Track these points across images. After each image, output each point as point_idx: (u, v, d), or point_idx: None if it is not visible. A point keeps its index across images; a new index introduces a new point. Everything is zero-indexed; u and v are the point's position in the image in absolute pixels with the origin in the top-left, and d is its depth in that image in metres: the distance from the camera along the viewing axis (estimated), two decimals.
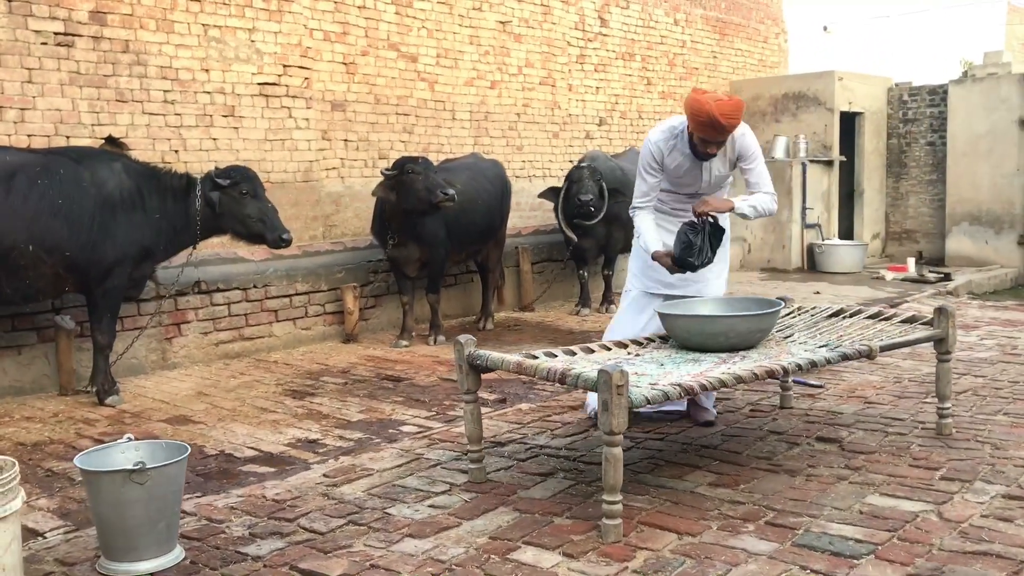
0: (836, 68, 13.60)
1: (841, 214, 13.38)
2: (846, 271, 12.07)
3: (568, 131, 11.06)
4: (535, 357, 3.90)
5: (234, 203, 5.75)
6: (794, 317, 4.75)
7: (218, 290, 6.92)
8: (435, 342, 7.35)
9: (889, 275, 11.53)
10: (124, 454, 3.19)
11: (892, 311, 4.69)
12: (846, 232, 13.50)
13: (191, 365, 6.70)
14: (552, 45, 10.73)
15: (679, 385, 3.29)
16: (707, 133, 4.20)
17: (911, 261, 12.27)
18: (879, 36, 21.97)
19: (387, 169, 7.06)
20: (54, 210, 5.15)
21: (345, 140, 8.61)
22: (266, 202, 5.86)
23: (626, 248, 9.82)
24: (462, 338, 3.82)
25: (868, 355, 3.93)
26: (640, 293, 4.70)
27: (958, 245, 12.93)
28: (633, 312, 4.66)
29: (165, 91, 7.14)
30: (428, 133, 9.36)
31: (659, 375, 3.54)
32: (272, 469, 4.25)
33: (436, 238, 7.23)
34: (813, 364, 3.74)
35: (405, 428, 4.92)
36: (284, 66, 7.97)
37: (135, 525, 2.95)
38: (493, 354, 3.70)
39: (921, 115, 13.61)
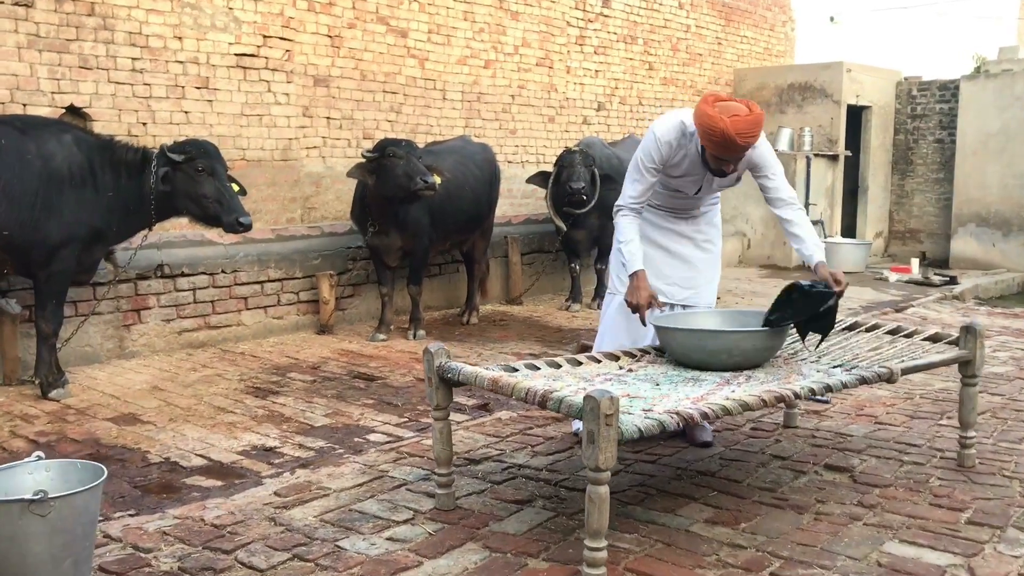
0: (844, 59, 13.12)
1: (844, 211, 12.94)
2: (848, 270, 11.61)
3: (564, 115, 10.58)
4: (514, 370, 3.47)
5: (189, 181, 5.26)
6: None
7: (183, 274, 6.45)
8: (415, 336, 6.91)
9: (893, 276, 11.11)
10: (31, 475, 2.75)
11: (912, 328, 4.25)
12: (848, 230, 13.06)
13: (151, 355, 6.25)
14: (551, 24, 10.24)
15: (677, 413, 2.85)
16: (720, 152, 3.70)
17: (915, 262, 11.84)
18: (886, 28, 21.47)
19: (368, 151, 6.59)
20: None
21: (328, 118, 8.13)
22: (225, 181, 5.37)
23: None
24: (432, 347, 3.38)
25: (888, 379, 3.50)
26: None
27: (964, 247, 12.51)
28: (623, 319, 4.19)
29: (133, 59, 6.65)
30: (417, 113, 8.88)
31: (654, 398, 3.10)
32: (219, 483, 3.80)
33: (419, 226, 6.78)
34: (828, 389, 3.31)
35: (372, 436, 4.49)
36: (264, 36, 7.48)
37: (35, 564, 2.51)
38: (466, 367, 3.26)
39: (930, 111, 13.15)
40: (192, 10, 6.99)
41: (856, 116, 12.90)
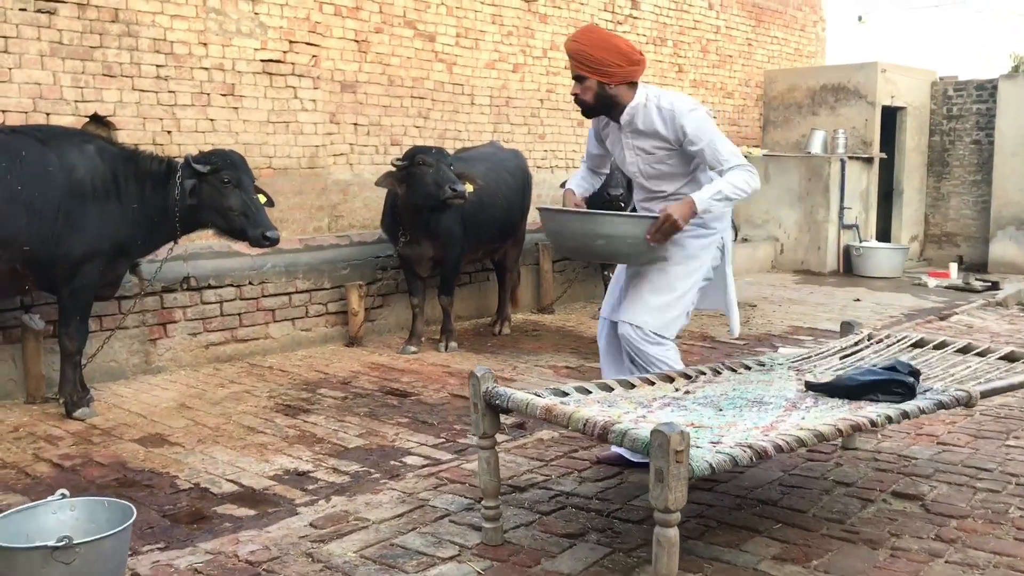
0: (879, 59, 12.82)
1: (878, 215, 12.64)
2: (885, 276, 11.35)
3: None
4: (565, 394, 3.25)
5: (214, 193, 5.07)
6: (866, 348, 4.06)
7: (209, 287, 6.28)
8: (446, 348, 6.71)
9: (932, 282, 10.81)
10: (56, 515, 2.56)
11: (984, 345, 4.00)
12: (882, 233, 12.76)
13: (177, 370, 6.08)
14: (579, 27, 10.00)
15: (749, 447, 2.62)
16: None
17: (954, 267, 11.55)
18: (916, 28, 21.11)
19: (398, 159, 6.41)
20: (11, 197, 4.51)
21: (355, 124, 7.95)
22: (251, 193, 5.17)
23: None
24: (479, 371, 3.17)
25: (967, 403, 3.26)
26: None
27: (1003, 250, 12.18)
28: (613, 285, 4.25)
29: (158, 66, 6.49)
30: (445, 118, 8.69)
31: (720, 427, 2.88)
32: (252, 512, 3.61)
33: (451, 235, 6.58)
34: (905, 415, 3.08)
35: (409, 459, 4.28)
36: (290, 42, 7.31)
37: None
38: (516, 394, 3.04)
39: (967, 111, 12.83)
40: (217, 15, 6.83)
41: (890, 117, 12.60)
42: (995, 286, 10.44)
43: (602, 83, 3.60)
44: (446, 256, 6.63)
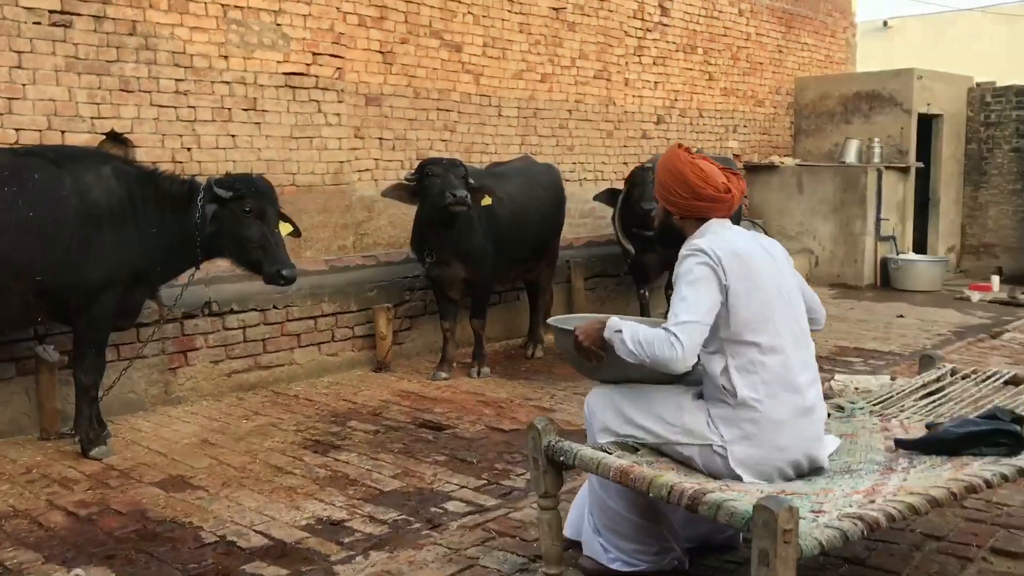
0: (914, 66, 12.45)
1: (913, 225, 12.24)
2: (924, 289, 10.96)
3: (623, 130, 10.05)
4: (635, 449, 2.92)
5: (235, 222, 4.75)
6: (951, 385, 3.70)
7: (232, 312, 5.99)
8: (479, 374, 6.38)
9: (975, 296, 10.41)
10: None
11: None
12: (918, 244, 12.36)
13: (198, 400, 5.78)
14: (608, 35, 9.72)
15: (860, 519, 2.29)
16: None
17: (995, 279, 11.15)
18: (942, 33, 20.71)
19: (409, 174, 6.13)
20: (23, 224, 4.22)
21: (380, 138, 7.67)
22: (274, 225, 4.85)
23: None
24: (539, 422, 2.85)
25: None
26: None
27: None
28: None
29: (177, 80, 6.22)
30: (472, 131, 8.39)
31: (815, 493, 2.55)
32: (284, 572, 3.30)
33: (483, 255, 6.26)
34: (1020, 472, 2.73)
35: (451, 505, 3.96)
36: (313, 54, 7.03)
37: None
38: (584, 450, 2.72)
39: (1006, 118, 12.43)
40: (239, 27, 6.55)
41: (925, 125, 12.22)
42: None
43: (666, 210, 3.09)
44: (478, 277, 6.31)
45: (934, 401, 3.52)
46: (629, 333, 2.80)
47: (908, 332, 8.31)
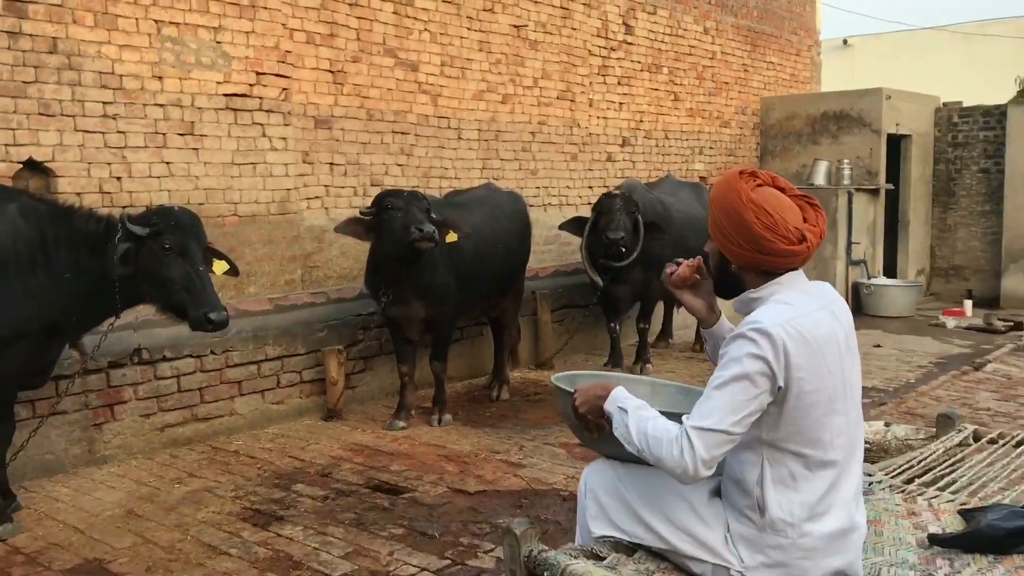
0: (876, 85, 12.21)
1: (883, 248, 11.97)
2: (898, 315, 10.67)
3: (588, 152, 9.62)
4: (632, 550, 2.43)
5: (153, 261, 4.17)
6: (980, 453, 3.27)
7: (164, 359, 5.41)
8: (440, 422, 5.86)
9: (950, 322, 10.13)
10: None
11: None
12: (888, 267, 12.09)
13: (127, 459, 5.19)
14: (572, 54, 9.29)
15: None
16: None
17: (968, 304, 10.87)
18: (902, 52, 20.68)
19: (364, 209, 5.61)
20: None
21: (331, 163, 7.14)
22: (198, 263, 4.26)
23: (669, 297, 8.36)
24: (518, 526, 2.35)
25: None
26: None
27: (1016, 284, 11.56)
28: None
29: (105, 103, 5.66)
30: (430, 155, 7.90)
31: None
32: None
33: (446, 293, 5.75)
34: None
35: None
36: (257, 74, 6.50)
37: None
38: (574, 566, 2.22)
39: (973, 139, 12.24)
40: (174, 45, 6.00)
41: (894, 146, 11.97)
42: (1019, 326, 9.77)
43: (722, 255, 2.46)
44: (440, 317, 5.80)
45: (962, 474, 3.08)
46: (634, 419, 2.30)
47: (888, 364, 7.95)
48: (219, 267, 4.42)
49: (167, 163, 6.03)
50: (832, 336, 2.32)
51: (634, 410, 2.32)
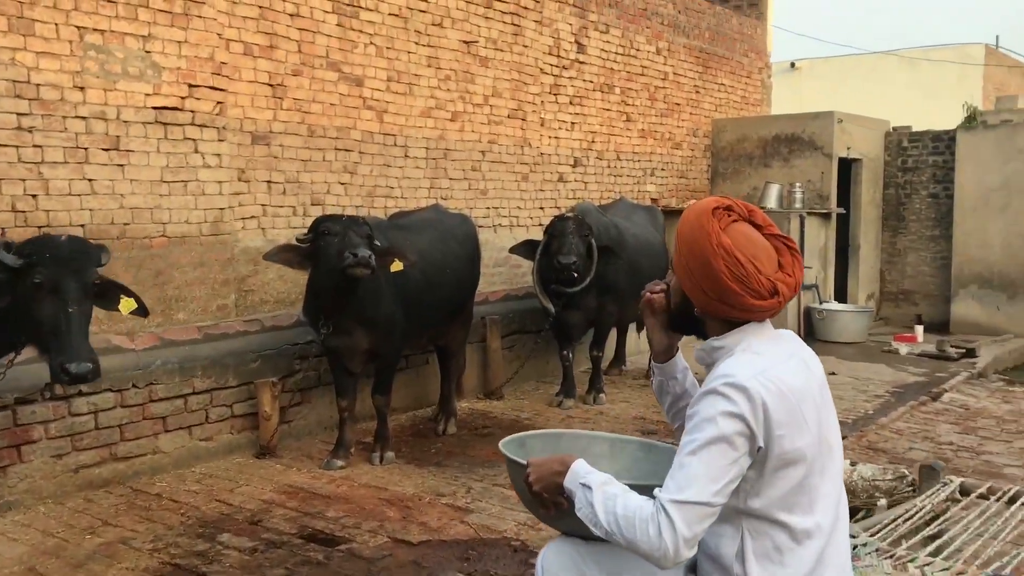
0: (822, 108, 12.17)
1: (834, 272, 11.88)
2: (850, 340, 10.55)
3: (539, 173, 9.34)
4: None
5: (25, 296, 3.67)
6: (968, 511, 3.00)
7: (80, 394, 4.95)
8: (381, 461, 5.49)
9: (903, 348, 10.03)
10: None
11: None
12: (838, 292, 12.00)
13: (35, 504, 4.72)
14: (523, 72, 9.02)
15: None
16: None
17: (919, 329, 10.82)
18: (848, 76, 20.86)
19: (302, 235, 5.23)
20: None
21: (268, 182, 6.75)
22: (71, 303, 3.68)
23: (624, 323, 8.11)
24: None
25: None
26: None
27: (965, 310, 11.54)
28: None
29: (20, 115, 5.23)
30: (375, 174, 7.54)
31: None
32: None
33: (391, 322, 5.39)
34: None
35: None
36: (190, 86, 6.10)
37: None
38: None
39: (923, 163, 12.23)
40: (98, 53, 5.58)
41: (845, 169, 11.91)
42: (971, 353, 9.70)
43: (684, 294, 2.19)
44: (384, 348, 5.43)
45: (955, 535, 2.82)
46: (600, 497, 1.98)
47: (844, 393, 7.77)
48: (126, 305, 3.97)
49: (89, 180, 5.60)
50: (807, 388, 2.06)
51: (599, 486, 2.00)
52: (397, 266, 5.11)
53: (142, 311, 4.05)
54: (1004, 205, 11.15)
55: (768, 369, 1.99)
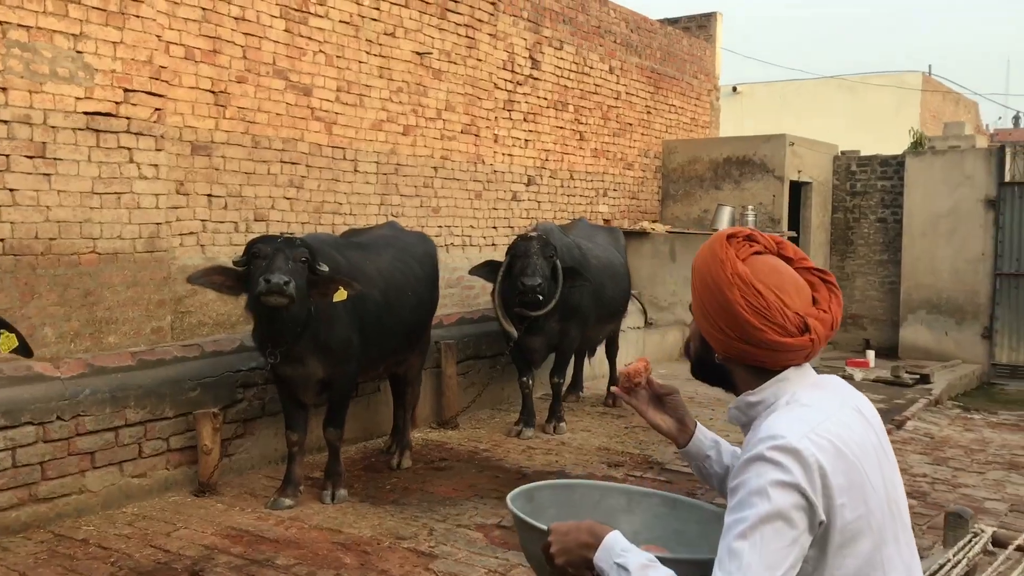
0: (764, 131, 12.12)
1: None
2: None
3: (492, 191, 9.03)
4: None
5: None
6: (993, 559, 2.73)
7: None
8: (333, 499, 5.04)
9: (857, 374, 9.91)
10: None
11: None
12: None
13: None
14: (477, 86, 8.71)
15: None
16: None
17: (871, 354, 10.75)
18: (789, 100, 21.05)
19: (238, 257, 4.75)
20: None
21: (209, 195, 6.32)
22: None
23: (583, 349, 7.78)
24: None
25: None
26: None
27: (914, 335, 11.53)
28: None
29: None
30: (322, 188, 7.14)
31: None
32: None
33: (347, 349, 4.95)
34: None
35: None
36: (125, 90, 5.64)
37: None
38: None
39: (871, 188, 12.24)
40: (22, 51, 5.09)
41: (795, 192, 11.84)
42: (925, 379, 9.62)
43: (704, 341, 1.87)
44: (339, 377, 4.99)
45: None
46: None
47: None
48: (4, 343, 3.50)
49: (11, 190, 5.11)
50: (867, 442, 1.72)
51: (638, 569, 1.64)
52: (341, 295, 4.62)
53: (24, 351, 3.55)
54: (952, 230, 11.18)
55: (820, 424, 1.65)
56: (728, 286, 1.71)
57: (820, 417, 1.67)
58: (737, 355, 1.76)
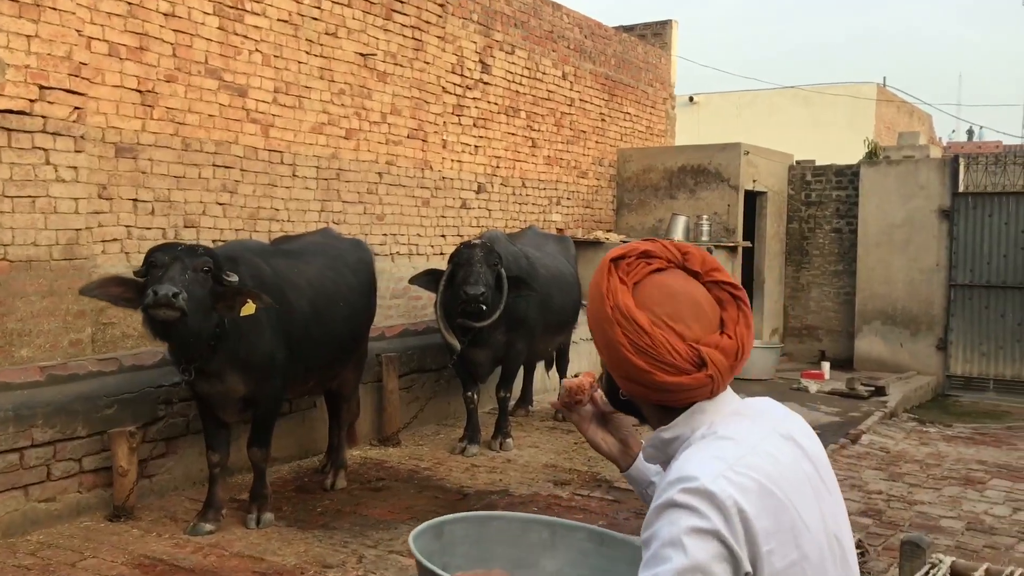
0: (741, 141, 11.98)
1: None
2: (757, 378, 10.22)
3: (441, 198, 8.74)
4: None
5: None
6: None
7: None
8: (258, 523, 4.71)
9: (812, 386, 9.77)
10: None
11: None
12: None
13: None
14: (424, 90, 8.43)
15: None
16: None
17: (826, 366, 10.63)
18: (745, 111, 21.04)
19: (139, 268, 4.41)
20: None
21: (135, 200, 5.97)
22: None
23: (532, 361, 7.53)
24: None
25: None
26: None
27: (869, 346, 11.43)
28: None
29: None
30: (258, 193, 6.81)
31: None
32: None
33: (271, 364, 4.64)
34: None
35: None
36: (41, 87, 5.29)
37: None
38: None
39: (826, 198, 12.15)
40: None
41: (751, 202, 11.71)
42: (880, 391, 9.50)
43: (609, 371, 1.62)
44: (261, 394, 4.67)
45: None
46: None
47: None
48: None
49: None
50: (798, 475, 1.45)
51: None
52: (248, 309, 4.28)
53: None
54: (907, 241, 11.11)
55: (740, 459, 1.39)
56: (609, 323, 1.45)
57: (740, 451, 1.41)
58: (636, 394, 1.51)
